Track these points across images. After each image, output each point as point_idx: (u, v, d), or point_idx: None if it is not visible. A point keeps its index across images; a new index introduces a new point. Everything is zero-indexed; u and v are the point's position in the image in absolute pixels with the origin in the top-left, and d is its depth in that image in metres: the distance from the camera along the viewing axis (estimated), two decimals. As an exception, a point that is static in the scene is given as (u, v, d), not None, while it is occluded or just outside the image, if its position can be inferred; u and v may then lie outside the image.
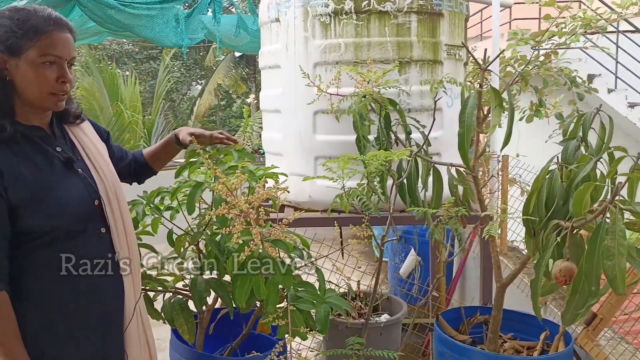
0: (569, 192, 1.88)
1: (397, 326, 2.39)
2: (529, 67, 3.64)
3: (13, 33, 1.46)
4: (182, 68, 17.74)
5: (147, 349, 1.80)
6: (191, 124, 11.70)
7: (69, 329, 1.59)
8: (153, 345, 1.83)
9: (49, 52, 1.48)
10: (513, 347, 2.28)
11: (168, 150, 2.02)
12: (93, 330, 1.63)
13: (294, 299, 1.95)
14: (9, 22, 1.46)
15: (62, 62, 1.52)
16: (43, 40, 1.47)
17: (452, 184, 2.23)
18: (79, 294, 1.60)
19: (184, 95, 18.72)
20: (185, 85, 18.80)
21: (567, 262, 1.75)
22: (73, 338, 1.59)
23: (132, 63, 17.01)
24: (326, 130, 2.59)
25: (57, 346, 1.57)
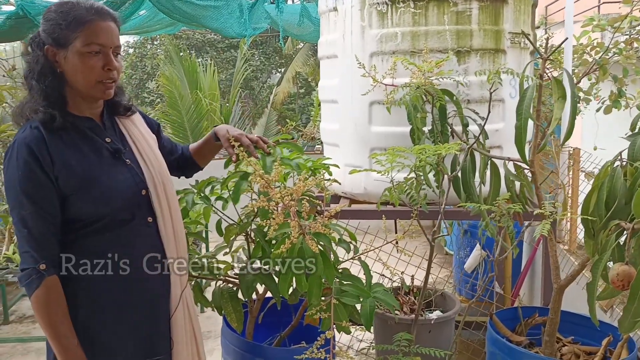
0: (632, 190, 1.75)
1: (449, 324, 2.33)
2: (607, 54, 3.42)
3: (58, 25, 1.52)
4: (261, 56, 18.02)
5: (193, 336, 1.84)
6: (267, 112, 11.85)
7: (118, 314, 1.65)
8: (199, 333, 1.88)
9: (93, 40, 1.53)
10: (572, 351, 2.17)
11: (209, 148, 2.01)
12: (141, 316, 1.69)
13: (338, 292, 1.94)
14: (55, 15, 1.53)
15: (107, 50, 1.56)
16: (86, 30, 1.52)
17: (508, 179, 2.13)
18: (127, 281, 1.65)
19: (264, 84, 19.02)
20: (265, 73, 19.07)
21: (625, 265, 1.64)
22: (122, 323, 1.65)
23: (213, 52, 17.45)
24: (382, 121, 2.55)
25: (107, 330, 1.64)
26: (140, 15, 3.55)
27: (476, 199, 2.21)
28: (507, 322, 2.31)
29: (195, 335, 1.86)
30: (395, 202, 2.13)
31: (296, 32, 4.30)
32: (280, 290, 1.89)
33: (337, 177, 2.79)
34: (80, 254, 1.59)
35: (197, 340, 1.86)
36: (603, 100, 3.99)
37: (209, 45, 17.93)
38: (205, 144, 2.05)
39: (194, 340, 1.85)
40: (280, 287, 1.87)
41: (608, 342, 2.13)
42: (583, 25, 3.38)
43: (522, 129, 2.01)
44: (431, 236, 2.12)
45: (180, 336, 1.78)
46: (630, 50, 3.43)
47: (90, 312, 1.61)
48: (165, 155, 1.88)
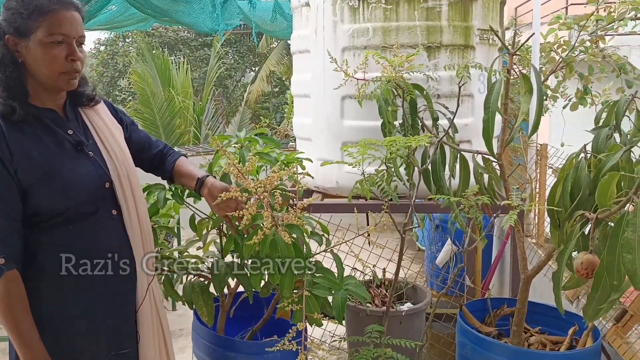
0: (596, 181, 1.79)
1: (420, 316, 2.36)
2: (573, 53, 3.50)
3: (19, 14, 1.49)
4: (235, 55, 17.94)
5: (160, 330, 1.83)
6: (241, 110, 11.81)
7: (84, 308, 1.63)
8: (167, 327, 1.87)
9: (56, 31, 1.50)
10: (539, 341, 2.22)
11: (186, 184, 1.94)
12: (106, 310, 1.67)
13: (310, 284, 1.94)
14: (16, 4, 1.50)
15: (70, 40, 1.53)
16: (49, 20, 1.50)
17: (477, 172, 2.17)
18: (92, 274, 1.63)
19: (238, 82, 18.93)
20: (239, 72, 18.99)
21: (589, 254, 1.68)
22: (87, 317, 1.64)
23: (186, 50, 17.31)
24: (354, 115, 2.57)
25: (72, 325, 1.62)
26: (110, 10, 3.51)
27: (446, 192, 2.24)
28: (477, 313, 2.34)
29: (163, 329, 1.85)
30: (367, 195, 2.15)
31: (269, 28, 4.30)
32: (253, 284, 1.90)
33: (310, 171, 2.80)
34: (43, 248, 1.57)
35: (165, 335, 1.85)
36: (570, 98, 4.07)
37: (182, 44, 17.78)
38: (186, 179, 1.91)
39: (161, 334, 1.84)
40: (253, 280, 1.88)
41: (574, 331, 2.18)
42: (550, 23, 3.44)
43: (490, 122, 2.04)
44: (402, 228, 2.14)
45: (147, 330, 1.77)
46: (596, 48, 3.50)
47: (55, 306, 1.59)
48: (136, 151, 1.86)
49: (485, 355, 2.01)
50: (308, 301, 1.89)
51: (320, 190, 2.79)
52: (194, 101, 10.31)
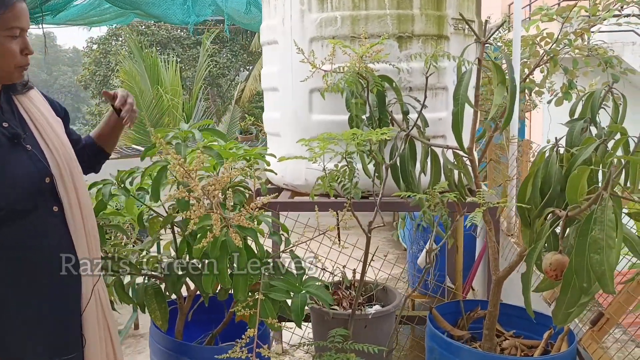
0: (568, 177, 1.68)
1: (389, 318, 2.25)
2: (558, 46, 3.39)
3: None
4: (228, 53, 17.81)
5: (108, 334, 1.73)
6: (232, 109, 11.70)
7: (23, 310, 1.53)
8: (115, 330, 1.76)
9: (15, 24, 1.44)
10: (513, 345, 2.11)
11: (111, 125, 1.87)
12: (48, 312, 1.57)
13: (267, 287, 1.83)
14: None
15: (24, 33, 1.48)
16: (8, 13, 1.42)
17: (446, 167, 2.06)
18: (32, 274, 1.54)
19: (232, 81, 18.80)
20: (233, 70, 18.87)
21: (558, 254, 1.57)
22: (27, 319, 1.54)
23: (179, 49, 17.19)
24: (322, 109, 2.46)
25: (11, 328, 1.52)
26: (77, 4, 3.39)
27: (416, 189, 2.13)
28: (449, 316, 2.23)
29: (111, 333, 1.74)
30: (330, 192, 2.04)
31: (245, 20, 4.18)
32: (204, 287, 1.78)
33: (279, 168, 2.70)
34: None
35: (113, 339, 1.74)
36: (557, 93, 3.97)
37: (174, 42, 17.66)
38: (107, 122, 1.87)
39: (109, 338, 1.73)
40: (204, 283, 1.77)
41: (549, 335, 2.07)
42: (532, 14, 3.33)
43: (459, 115, 1.93)
44: (367, 227, 2.03)
45: (93, 333, 1.66)
46: (581, 41, 3.40)
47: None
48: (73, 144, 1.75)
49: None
50: (263, 305, 1.78)
51: (290, 188, 2.68)
52: (184, 99, 10.20)
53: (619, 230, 1.40)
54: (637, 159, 1.47)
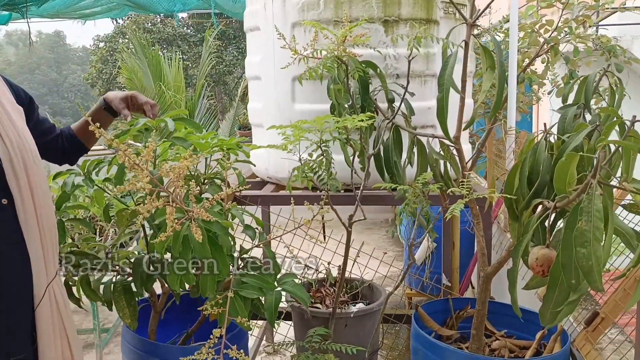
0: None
1: (372, 317, 2.13)
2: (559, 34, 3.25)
3: None
4: (234, 51, 17.72)
5: (64, 334, 1.63)
6: (235, 105, 11.59)
7: None
8: (72, 331, 1.66)
9: None
10: (503, 345, 1.99)
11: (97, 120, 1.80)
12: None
13: (238, 284, 1.73)
14: None
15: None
16: None
17: (431, 157, 1.94)
18: None
19: (239, 79, 18.71)
20: (240, 68, 18.77)
21: (545, 249, 1.45)
22: None
23: (185, 46, 17.13)
24: (305, 98, 2.34)
25: None
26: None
27: (401, 181, 2.02)
28: (437, 314, 2.12)
29: (68, 335, 1.64)
30: (308, 184, 1.93)
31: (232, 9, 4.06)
32: (170, 284, 1.68)
33: (262, 160, 2.59)
34: None
35: (70, 340, 1.64)
36: (559, 85, 3.83)
37: (180, 39, 17.60)
38: (93, 116, 1.84)
39: (65, 340, 1.63)
40: (170, 280, 1.66)
41: (542, 335, 1.95)
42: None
43: (444, 101, 1.82)
44: (347, 221, 1.92)
45: (46, 333, 1.56)
46: (583, 29, 3.26)
47: None
48: (39, 134, 1.69)
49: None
50: (233, 303, 1.68)
51: (274, 181, 2.57)
52: (186, 96, 10.11)
53: (610, 221, 1.28)
54: (630, 144, 1.35)
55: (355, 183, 2.11)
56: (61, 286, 1.68)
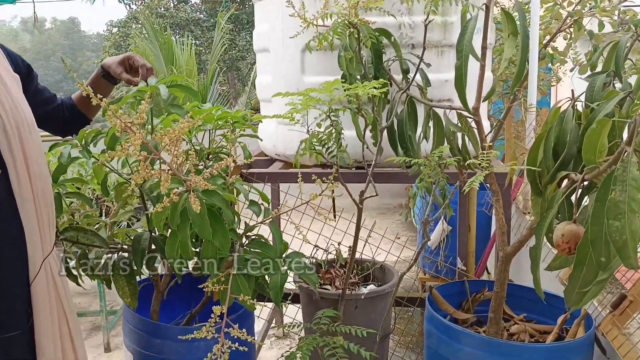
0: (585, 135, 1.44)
1: (384, 299, 2.03)
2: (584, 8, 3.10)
3: None
4: (247, 36, 17.59)
5: (62, 311, 1.56)
6: (247, 90, 11.50)
7: None
8: (70, 309, 1.58)
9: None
10: (523, 330, 1.88)
11: (97, 88, 1.73)
12: None
13: (241, 261, 1.63)
14: None
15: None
16: None
17: (448, 130, 1.82)
18: None
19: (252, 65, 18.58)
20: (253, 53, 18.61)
21: (572, 224, 1.34)
22: None
23: (198, 31, 17.02)
24: (315, 70, 2.23)
25: None
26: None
27: (416, 156, 1.91)
28: (452, 297, 2.01)
29: (65, 312, 1.56)
30: (317, 159, 1.82)
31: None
32: (169, 259, 1.59)
33: (270, 137, 2.49)
34: None
35: (68, 317, 1.57)
36: (581, 62, 3.68)
37: (193, 24, 17.49)
38: (91, 85, 1.76)
39: (63, 317, 1.55)
40: (168, 255, 1.57)
41: (564, 319, 1.84)
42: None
43: (463, 68, 1.70)
44: (358, 197, 1.81)
45: (42, 309, 1.49)
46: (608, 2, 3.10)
47: None
48: (39, 104, 1.63)
49: (453, 346, 1.68)
50: (235, 281, 1.58)
51: (282, 159, 2.47)
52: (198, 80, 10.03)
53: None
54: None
55: (367, 160, 2.00)
56: (58, 262, 1.60)
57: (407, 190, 5.20)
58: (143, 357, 1.83)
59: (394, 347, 2.87)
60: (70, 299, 1.61)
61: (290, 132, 2.27)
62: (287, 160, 2.44)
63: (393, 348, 2.91)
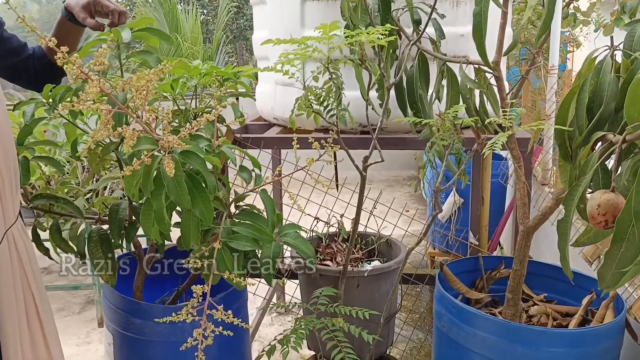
0: (625, 90, 1.23)
1: (387, 277, 1.84)
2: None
3: None
4: (256, 6, 17.23)
5: (26, 285, 1.39)
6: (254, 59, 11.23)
7: None
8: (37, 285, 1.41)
9: None
10: (543, 312, 1.69)
11: (64, 34, 1.54)
12: None
13: (228, 233, 1.45)
14: None
15: None
16: None
17: (464, 87, 1.61)
18: None
19: (261, 34, 18.21)
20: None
21: (610, 193, 1.13)
22: None
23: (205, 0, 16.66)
24: (316, 22, 1.99)
25: None
26: None
27: (427, 117, 1.70)
28: (465, 274, 1.83)
29: (32, 289, 1.39)
30: (316, 121, 1.62)
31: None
32: (146, 231, 1.40)
33: (268, 99, 2.29)
34: None
35: (35, 294, 1.40)
36: (604, 24, 3.43)
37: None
38: (58, 30, 1.56)
39: (29, 293, 1.39)
40: (144, 226, 1.39)
41: (590, 300, 1.65)
42: None
43: (482, 15, 1.48)
44: (362, 163, 1.62)
45: (4, 285, 1.32)
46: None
47: None
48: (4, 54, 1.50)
49: (466, 330, 1.50)
50: (221, 255, 1.40)
51: (281, 123, 2.27)
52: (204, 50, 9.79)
53: None
54: None
55: (372, 124, 1.80)
56: (23, 233, 1.42)
57: (416, 161, 4.98)
58: (123, 338, 1.66)
59: (400, 326, 2.70)
60: (39, 274, 1.44)
61: (289, 93, 2.07)
62: (286, 125, 2.24)
63: (400, 326, 2.74)
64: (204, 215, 1.32)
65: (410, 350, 2.70)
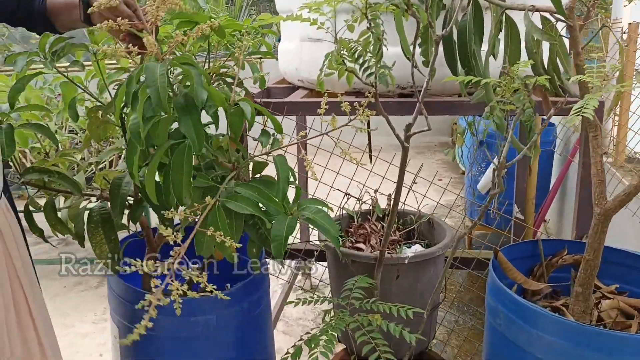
0: None
1: (434, 264, 1.60)
2: None
3: None
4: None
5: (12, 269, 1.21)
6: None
7: None
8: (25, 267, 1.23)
9: None
10: (616, 306, 1.44)
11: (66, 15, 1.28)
12: None
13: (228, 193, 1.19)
14: None
15: None
16: None
17: (530, 39, 1.33)
18: None
19: None
20: None
21: None
22: None
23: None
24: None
25: None
26: None
27: (482, 75, 1.43)
28: (521, 261, 1.58)
29: (18, 273, 1.20)
30: (348, 82, 1.37)
31: None
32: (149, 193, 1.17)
33: (292, 59, 2.03)
34: None
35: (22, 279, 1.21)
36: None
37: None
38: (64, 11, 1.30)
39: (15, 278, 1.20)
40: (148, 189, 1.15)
41: (675, 295, 1.39)
42: None
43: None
44: (404, 133, 1.36)
45: None
46: None
47: None
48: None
49: (528, 331, 1.26)
50: (215, 214, 1.14)
51: (307, 86, 2.02)
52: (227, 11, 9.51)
53: None
54: None
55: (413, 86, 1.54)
56: (8, 213, 1.22)
57: (453, 127, 4.69)
58: (129, 331, 1.45)
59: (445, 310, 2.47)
60: (26, 257, 1.25)
61: (317, 50, 1.82)
62: (313, 87, 1.99)
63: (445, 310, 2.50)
64: (192, 138, 1.07)
65: (449, 333, 2.48)
